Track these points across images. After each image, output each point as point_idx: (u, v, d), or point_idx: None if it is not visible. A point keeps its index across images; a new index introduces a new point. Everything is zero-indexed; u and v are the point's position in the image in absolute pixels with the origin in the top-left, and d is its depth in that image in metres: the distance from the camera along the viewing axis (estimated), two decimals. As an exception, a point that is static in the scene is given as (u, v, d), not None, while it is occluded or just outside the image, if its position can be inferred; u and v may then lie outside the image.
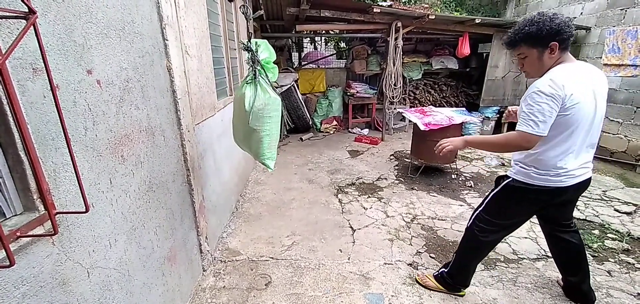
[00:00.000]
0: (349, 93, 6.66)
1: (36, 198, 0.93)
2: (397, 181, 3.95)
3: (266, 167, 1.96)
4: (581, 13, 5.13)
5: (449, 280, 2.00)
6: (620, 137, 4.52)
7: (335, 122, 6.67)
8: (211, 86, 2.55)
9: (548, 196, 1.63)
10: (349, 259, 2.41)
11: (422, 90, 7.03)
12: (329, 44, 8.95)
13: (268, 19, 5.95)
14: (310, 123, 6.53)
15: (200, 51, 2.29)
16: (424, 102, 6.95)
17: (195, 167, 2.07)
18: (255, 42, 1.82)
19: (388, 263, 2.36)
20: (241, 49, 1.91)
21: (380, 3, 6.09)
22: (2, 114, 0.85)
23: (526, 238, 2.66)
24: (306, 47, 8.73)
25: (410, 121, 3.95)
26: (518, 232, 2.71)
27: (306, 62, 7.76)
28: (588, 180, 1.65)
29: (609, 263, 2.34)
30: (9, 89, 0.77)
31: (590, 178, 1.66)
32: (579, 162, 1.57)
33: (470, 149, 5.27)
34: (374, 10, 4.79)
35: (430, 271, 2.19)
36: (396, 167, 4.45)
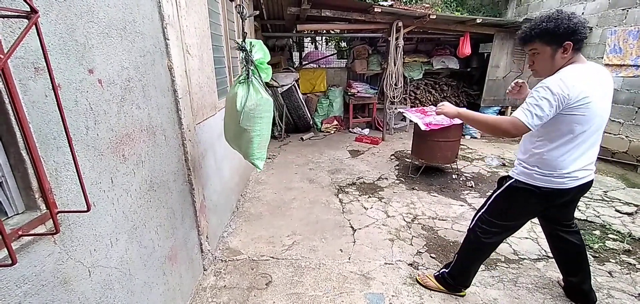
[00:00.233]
0: (349, 93, 6.66)
1: (38, 197, 0.93)
2: (397, 181, 3.94)
3: (255, 167, 1.96)
4: (582, 13, 5.12)
5: (449, 280, 2.00)
6: (622, 138, 4.51)
7: (336, 122, 6.67)
8: (212, 85, 2.55)
9: (550, 197, 1.62)
10: (349, 259, 2.41)
11: (423, 90, 7.03)
12: (329, 43, 8.95)
13: (269, 19, 5.95)
14: (311, 123, 6.53)
15: (201, 51, 2.29)
16: (425, 102, 6.95)
17: (196, 167, 2.07)
18: (249, 42, 1.82)
19: (389, 262, 2.36)
20: (235, 48, 1.90)
21: (381, 3, 6.09)
22: (4, 113, 0.85)
23: (527, 238, 2.66)
24: (307, 47, 8.73)
25: (411, 120, 3.95)
26: (519, 232, 2.69)
27: (307, 62, 7.76)
28: (590, 182, 1.64)
29: (610, 264, 2.33)
30: (11, 88, 0.77)
31: (593, 180, 1.65)
32: (583, 164, 1.56)
33: (471, 149, 5.26)
34: (375, 10, 4.78)
35: (431, 271, 2.19)
36: (397, 167, 4.45)
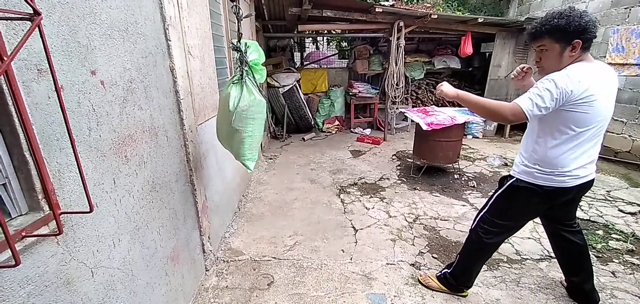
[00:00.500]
0: (351, 93, 6.65)
1: (41, 198, 0.94)
2: (399, 181, 3.94)
3: (246, 168, 1.96)
4: (585, 11, 5.09)
5: (452, 281, 1.99)
6: (625, 137, 4.48)
7: (337, 122, 6.67)
8: (214, 86, 2.56)
9: (552, 196, 1.62)
10: (351, 259, 2.41)
11: (424, 90, 7.02)
12: (331, 44, 8.95)
13: (270, 19, 5.96)
14: (313, 123, 6.53)
15: (203, 52, 2.29)
16: (427, 101, 6.94)
17: (198, 167, 2.08)
18: (244, 43, 1.82)
19: (390, 263, 2.36)
20: (230, 49, 1.90)
21: (382, 3, 6.08)
22: (7, 114, 0.86)
23: (529, 238, 2.65)
24: (308, 47, 8.74)
25: (412, 120, 3.94)
26: (521, 232, 2.69)
27: (308, 62, 7.76)
28: (591, 181, 1.63)
29: (613, 264, 2.32)
30: (14, 90, 0.78)
31: (594, 179, 1.64)
32: (584, 162, 1.55)
33: (473, 149, 5.25)
34: (376, 10, 4.78)
35: (433, 272, 2.18)
36: (398, 167, 4.44)
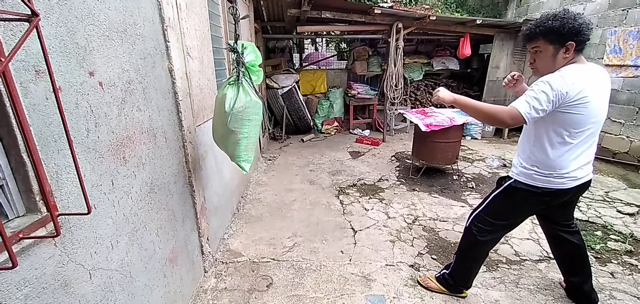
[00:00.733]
0: (350, 94, 6.66)
1: (38, 200, 0.93)
2: (398, 182, 3.94)
3: (241, 169, 1.95)
4: (582, 13, 5.12)
5: (450, 281, 2.00)
6: (623, 138, 4.50)
7: (336, 123, 6.67)
8: (212, 87, 2.55)
9: (549, 197, 1.63)
10: (350, 260, 2.40)
11: (423, 91, 7.03)
12: (330, 45, 8.95)
13: (269, 21, 5.96)
14: (312, 124, 6.54)
15: (202, 53, 2.29)
16: (425, 103, 6.94)
17: (196, 169, 2.07)
18: (241, 44, 1.82)
19: (389, 264, 2.36)
20: (227, 50, 1.89)
21: (381, 4, 6.10)
22: (5, 116, 0.85)
23: (528, 239, 2.65)
24: (307, 49, 8.74)
25: (411, 122, 3.95)
26: (520, 233, 2.71)
27: (307, 64, 7.77)
28: (589, 181, 1.64)
29: (612, 265, 2.33)
30: (11, 91, 0.77)
31: (591, 180, 1.65)
32: (582, 163, 1.56)
33: (471, 150, 5.26)
34: (375, 11, 4.79)
35: (432, 273, 2.18)
36: (397, 169, 4.44)
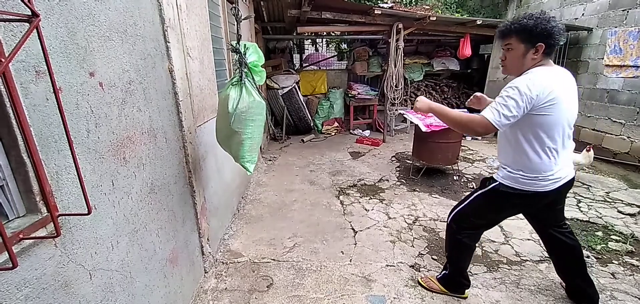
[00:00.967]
0: (350, 94, 6.66)
1: (39, 200, 0.93)
2: (398, 183, 3.94)
3: (245, 170, 1.95)
4: (583, 14, 5.12)
5: (450, 280, 2.02)
6: (623, 139, 4.49)
7: (336, 124, 6.67)
8: (213, 87, 2.55)
9: (532, 199, 1.66)
10: (350, 261, 2.40)
11: (423, 91, 7.03)
12: (330, 45, 8.95)
13: (269, 21, 5.97)
14: (312, 124, 6.54)
15: (202, 53, 2.29)
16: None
17: (197, 169, 2.07)
18: (243, 45, 1.82)
19: (390, 264, 2.35)
20: (229, 50, 1.89)
21: (381, 5, 6.10)
22: (5, 116, 0.85)
23: (529, 239, 2.64)
24: (307, 49, 8.74)
25: (411, 122, 3.94)
26: (521, 234, 2.71)
27: (307, 64, 7.77)
28: (572, 180, 1.67)
29: (612, 265, 2.32)
30: (12, 91, 0.77)
31: (574, 178, 1.69)
32: (563, 163, 1.60)
33: (472, 150, 5.25)
34: (375, 12, 4.79)
35: (433, 273, 2.18)
36: (398, 169, 4.44)
